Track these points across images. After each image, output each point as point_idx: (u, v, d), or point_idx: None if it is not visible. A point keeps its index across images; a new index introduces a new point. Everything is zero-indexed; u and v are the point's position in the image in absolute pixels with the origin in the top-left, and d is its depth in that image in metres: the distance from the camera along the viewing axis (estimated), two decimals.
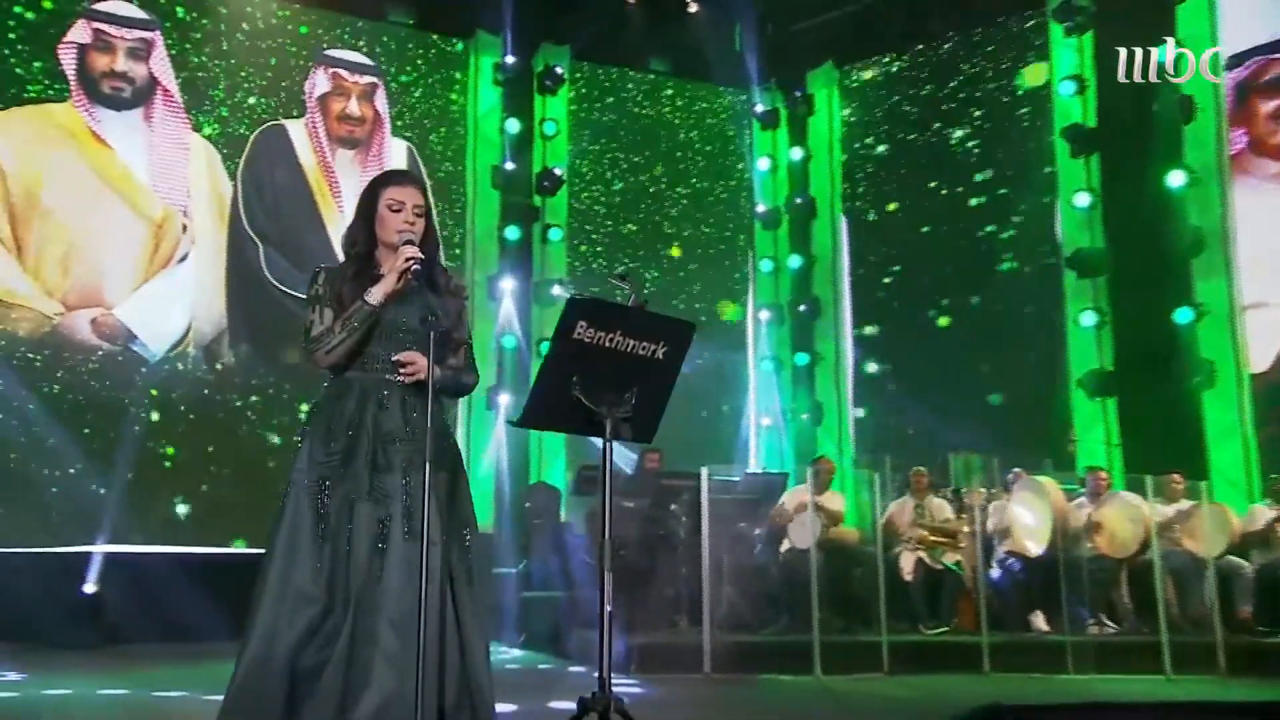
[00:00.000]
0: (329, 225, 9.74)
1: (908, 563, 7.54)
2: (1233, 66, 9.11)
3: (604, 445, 3.10)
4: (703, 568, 6.24)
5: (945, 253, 10.58)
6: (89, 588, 7.59)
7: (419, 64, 10.56)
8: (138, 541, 8.26)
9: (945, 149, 10.72)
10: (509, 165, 10.64)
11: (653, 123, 11.51)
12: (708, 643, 6.11)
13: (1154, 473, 7.50)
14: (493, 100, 10.75)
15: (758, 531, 7.41)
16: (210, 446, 9.09)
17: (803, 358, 11.40)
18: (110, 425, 8.62)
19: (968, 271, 10.42)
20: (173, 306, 9.17)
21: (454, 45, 10.79)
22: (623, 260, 11.08)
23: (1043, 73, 10.11)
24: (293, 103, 9.89)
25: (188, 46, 9.41)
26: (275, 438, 9.27)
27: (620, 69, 11.49)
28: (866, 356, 11.13)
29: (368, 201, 3.27)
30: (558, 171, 10.74)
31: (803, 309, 11.51)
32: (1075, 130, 9.77)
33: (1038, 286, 9.98)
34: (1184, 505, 7.74)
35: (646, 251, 11.27)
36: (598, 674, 2.98)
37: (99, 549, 7.84)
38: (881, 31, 11.03)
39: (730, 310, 11.38)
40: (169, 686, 5.39)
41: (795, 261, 11.58)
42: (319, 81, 10.03)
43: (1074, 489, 7.98)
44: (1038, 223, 10.08)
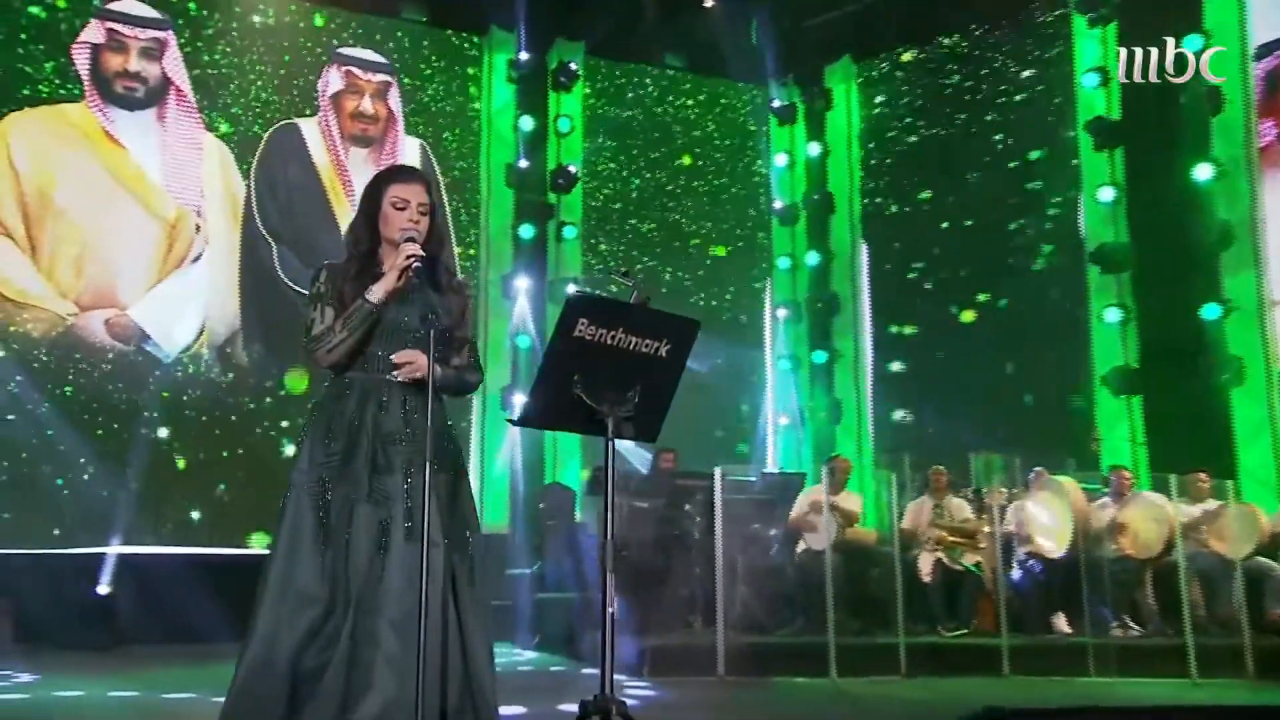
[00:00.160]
0: (342, 224, 9.74)
1: (926, 563, 7.50)
2: (1262, 56, 9.00)
3: (606, 445, 3.09)
4: (716, 568, 6.24)
5: (966, 248, 10.51)
6: (102, 589, 7.67)
7: (432, 61, 10.58)
8: (150, 543, 8.32)
9: (965, 143, 10.64)
10: (523, 163, 10.65)
11: (668, 119, 11.48)
12: (721, 645, 6.10)
13: (1180, 472, 7.42)
14: (506, 97, 10.77)
15: (773, 532, 7.39)
16: (223, 447, 9.14)
17: (821, 355, 11.36)
18: (123, 426, 8.68)
19: (989, 267, 10.35)
20: (186, 307, 9.23)
21: (467, 42, 10.80)
22: (639, 258, 11.07)
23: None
24: (305, 101, 9.93)
25: (200, 45, 9.46)
26: (288, 438, 9.31)
27: (635, 65, 11.47)
28: (886, 354, 11.07)
29: (371, 198, 3.25)
30: (572, 169, 10.74)
31: (821, 306, 11.49)
32: (1099, 123, 9.69)
33: (1061, 282, 9.91)
34: (1210, 505, 7.67)
35: (663, 249, 11.25)
36: (599, 675, 2.97)
37: (112, 550, 7.91)
38: (900, 25, 10.98)
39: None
40: (179, 688, 5.42)
41: (813, 258, 11.55)
42: (332, 79, 10.06)
43: (1097, 489, 7.91)
44: (1061, 218, 10.01)
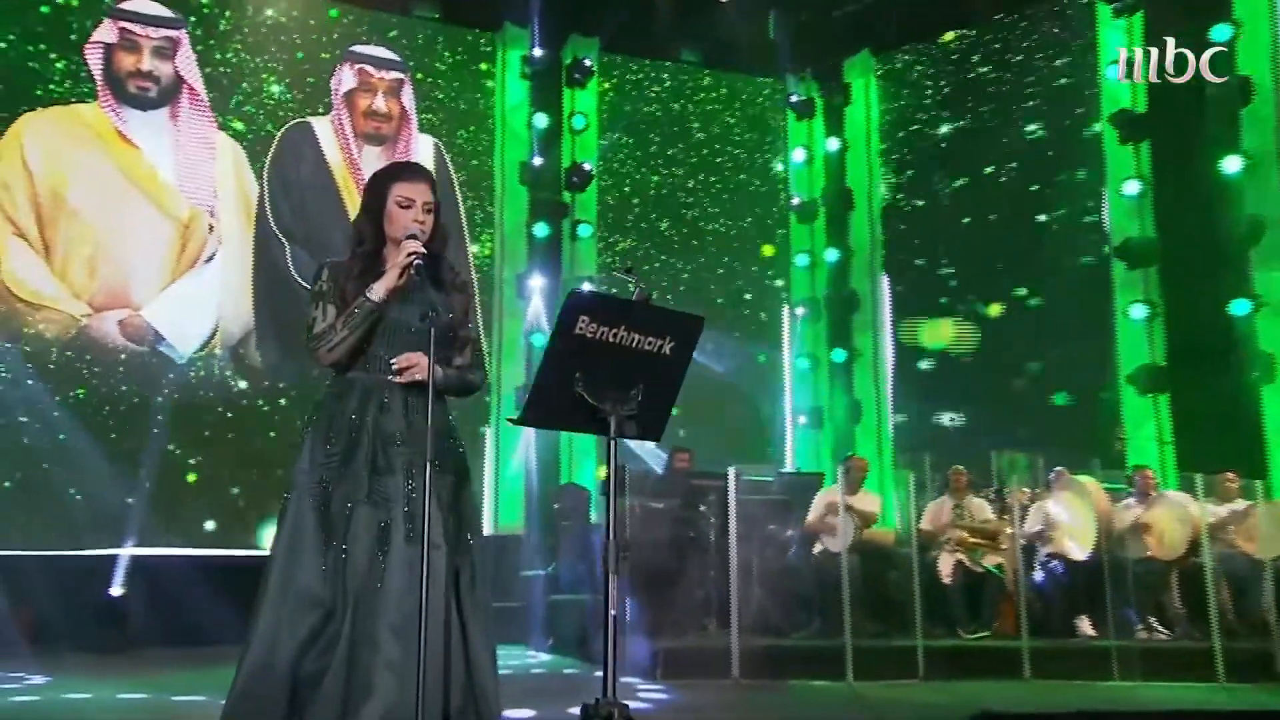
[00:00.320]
0: None
1: (946, 565, 7.45)
2: None
3: (610, 444, 3.09)
4: (730, 570, 6.22)
5: (988, 244, 10.43)
6: (115, 591, 7.73)
7: (445, 58, 10.59)
8: (162, 545, 8.33)
9: (986, 137, 10.55)
10: (537, 161, 10.65)
11: (684, 115, 11.46)
12: (736, 647, 6.08)
13: (1209, 472, 7.34)
14: (520, 94, 10.76)
15: (789, 533, 7.37)
16: (237, 448, 9.16)
17: (840, 354, 11.29)
18: (136, 427, 8.71)
19: (1012, 263, 10.27)
20: (200, 307, 9.26)
21: (481, 38, 10.80)
22: (655, 256, 11.06)
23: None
24: (318, 99, 9.97)
25: (212, 43, 9.50)
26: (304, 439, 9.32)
27: (651, 60, 11.44)
28: (906, 352, 10.99)
29: (376, 196, 3.25)
30: (587, 166, 10.73)
31: (840, 304, 11.42)
32: (1124, 116, 9.60)
33: (1086, 278, 9.82)
34: (1239, 505, 7.59)
35: (681, 246, 11.22)
36: (602, 677, 2.97)
37: (124, 552, 7.96)
38: (919, 17, 10.90)
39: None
40: (189, 690, 5.45)
41: (832, 255, 11.49)
42: (345, 77, 10.09)
43: (1121, 489, 7.84)
44: (1085, 212, 9.92)
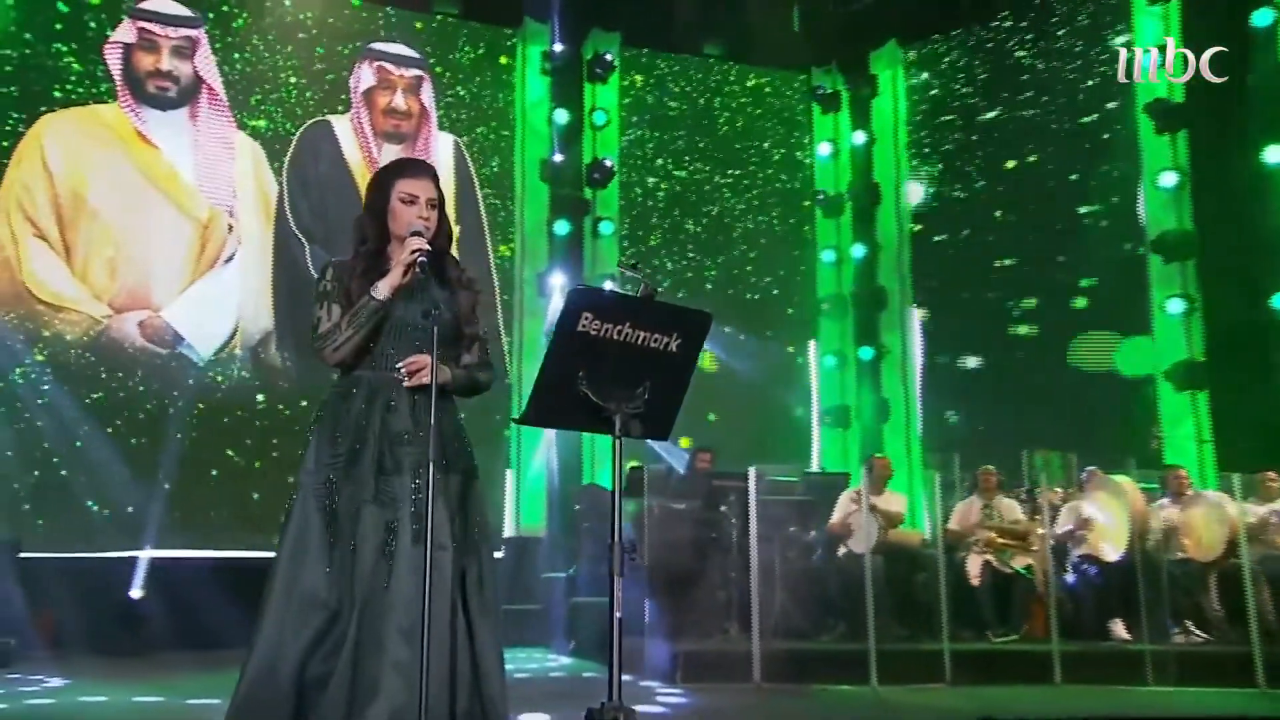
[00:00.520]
0: None
1: (974, 566, 7.38)
2: None
3: (614, 443, 3.07)
4: (751, 571, 6.19)
5: (1019, 238, 10.34)
6: (135, 593, 7.81)
7: (465, 55, 10.62)
8: (182, 547, 8.38)
9: (1018, 128, 10.45)
10: (558, 158, 10.66)
11: (707, 110, 11.42)
12: (757, 650, 6.05)
13: (1249, 470, 7.23)
14: (541, 91, 10.78)
15: (812, 534, 7.32)
16: (256, 450, 9.22)
17: (867, 352, 11.21)
18: (156, 429, 8.79)
19: (1044, 257, 10.16)
20: (219, 308, 9.35)
21: (501, 34, 10.82)
22: (679, 253, 11.03)
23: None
24: (337, 97, 10.02)
25: (231, 42, 9.59)
26: None
27: (673, 54, 11.41)
28: (935, 349, 10.91)
29: (378, 194, 3.26)
30: (608, 163, 10.72)
31: (867, 300, 11.34)
32: (1160, 105, 9.46)
33: (1121, 272, 9.69)
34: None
35: (708, 242, 11.18)
36: (609, 680, 2.94)
37: (144, 555, 8.03)
38: (948, 6, 10.81)
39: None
40: (205, 694, 5.47)
41: (859, 251, 11.41)
42: (364, 75, 10.14)
43: (1155, 489, 7.73)
44: (1120, 205, 9.79)
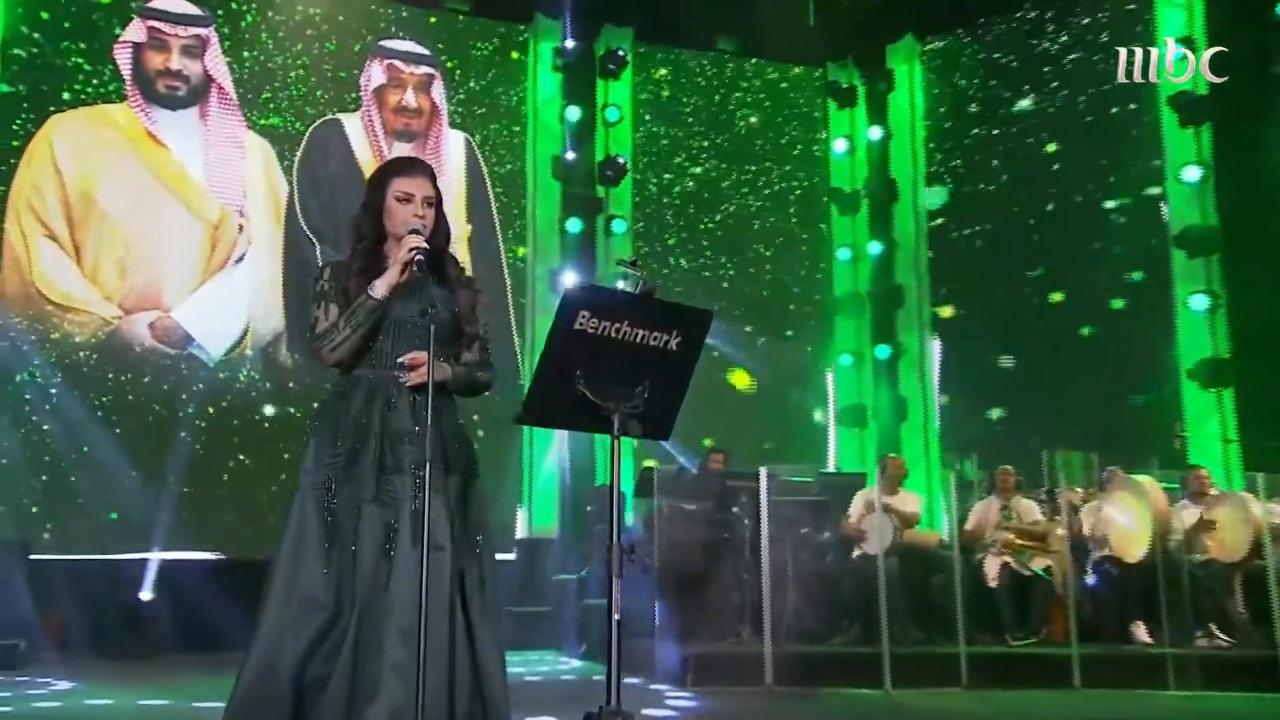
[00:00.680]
0: None
1: (992, 568, 7.33)
2: None
3: (614, 443, 3.05)
4: (763, 573, 6.17)
5: (1039, 232, 10.26)
6: (144, 595, 7.86)
7: (476, 52, 10.62)
8: (192, 549, 8.42)
9: (1037, 122, 10.37)
10: (570, 155, 10.66)
11: (721, 105, 11.38)
12: (769, 653, 6.03)
13: (1275, 470, 7.15)
14: (552, 88, 10.77)
15: (826, 535, 7.28)
16: (267, 451, 9.22)
17: (884, 350, 11.15)
18: (167, 430, 8.81)
19: (1066, 252, 10.08)
20: (230, 308, 9.39)
21: (512, 31, 10.81)
22: (694, 251, 11.00)
23: None
24: (348, 96, 10.04)
25: (240, 40, 9.62)
26: None
27: (686, 50, 11.37)
28: (953, 347, 10.83)
29: (375, 192, 3.30)
30: (621, 160, 10.70)
31: (884, 298, 11.27)
32: (1184, 98, 9.37)
33: (1144, 268, 9.61)
34: None
35: (718, 240, 11.15)
36: (606, 683, 2.94)
37: (154, 557, 8.08)
38: None
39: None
40: (211, 697, 5.46)
41: (875, 248, 11.35)
42: (374, 73, 10.16)
43: (1175, 488, 7.66)
44: (1143, 200, 9.71)
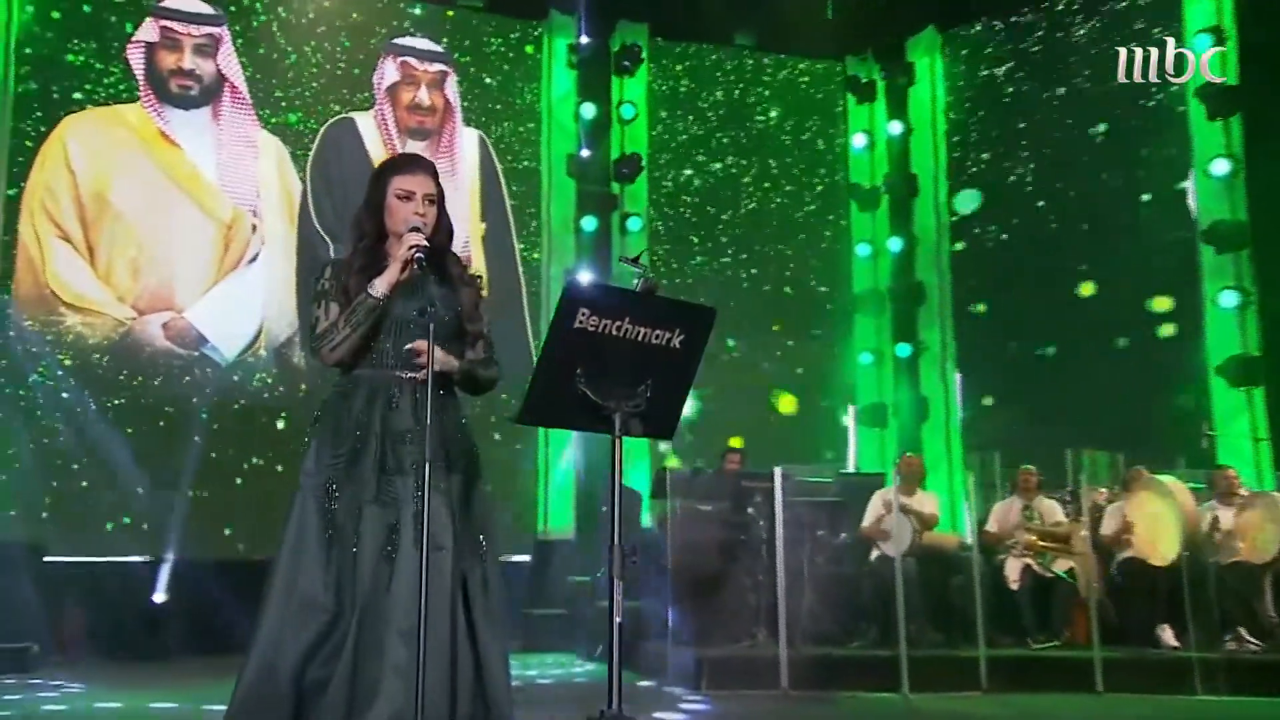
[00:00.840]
0: None
1: (1014, 569, 7.27)
2: None
3: (614, 442, 3.03)
4: (777, 575, 6.13)
5: (1064, 228, 10.16)
6: (158, 598, 7.90)
7: (490, 49, 10.61)
8: (205, 552, 8.43)
9: (1062, 116, 10.26)
10: (585, 152, 10.63)
11: (739, 101, 11.32)
12: (784, 656, 6.00)
13: None
14: (567, 84, 10.75)
15: (843, 536, 7.24)
16: (281, 452, 9.24)
17: (905, 348, 11.06)
18: (180, 431, 8.85)
19: (1091, 248, 9.98)
20: (244, 309, 9.42)
21: (526, 27, 10.80)
22: (712, 249, 10.97)
23: None
24: (361, 94, 10.06)
25: (252, 38, 9.66)
26: None
27: (702, 45, 11.31)
28: (975, 346, 10.74)
29: (375, 190, 3.28)
30: (637, 156, 10.66)
31: (905, 295, 11.18)
32: (1212, 89, 9.26)
33: (1171, 264, 9.50)
34: None
35: (742, 237, 11.11)
36: (608, 685, 2.91)
37: (167, 559, 8.12)
38: None
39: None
40: (221, 700, 5.48)
41: (896, 244, 11.25)
42: (388, 71, 10.18)
43: (1201, 488, 7.57)
44: (1170, 194, 9.61)
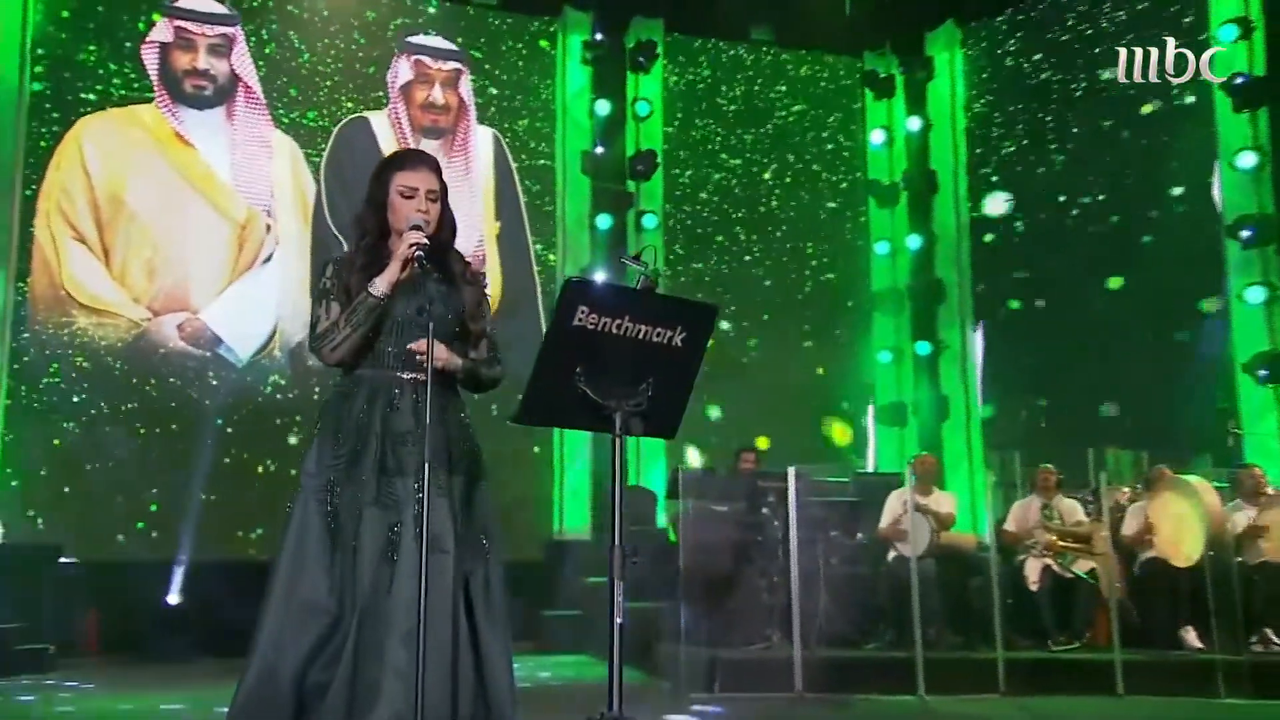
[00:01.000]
0: None
1: (1033, 570, 7.20)
2: None
3: (614, 442, 3.02)
4: (791, 576, 6.11)
5: (1087, 225, 10.08)
6: (172, 599, 7.96)
7: (504, 46, 10.62)
8: (221, 553, 8.48)
9: (1083, 110, 10.20)
10: (599, 149, 10.63)
11: (756, 97, 11.28)
12: (799, 658, 5.98)
13: None
14: (582, 81, 10.75)
15: (859, 536, 7.20)
16: (295, 453, 9.28)
17: (924, 347, 11.00)
18: (196, 432, 8.92)
19: (1113, 244, 9.90)
20: (258, 309, 9.46)
21: (540, 24, 10.80)
22: (729, 246, 10.94)
23: None
24: (375, 93, 10.09)
25: (266, 38, 9.71)
26: None
27: (719, 41, 11.29)
28: (996, 343, 10.67)
29: (378, 187, 3.28)
30: (653, 154, 10.65)
31: (924, 293, 11.12)
32: (1238, 81, 9.16)
33: (1195, 259, 9.41)
34: None
35: (759, 234, 11.06)
36: (609, 686, 2.90)
37: (182, 560, 8.18)
38: None
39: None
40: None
41: (915, 242, 11.19)
42: (401, 70, 10.21)
43: (1225, 487, 7.49)
44: (1195, 188, 9.52)
